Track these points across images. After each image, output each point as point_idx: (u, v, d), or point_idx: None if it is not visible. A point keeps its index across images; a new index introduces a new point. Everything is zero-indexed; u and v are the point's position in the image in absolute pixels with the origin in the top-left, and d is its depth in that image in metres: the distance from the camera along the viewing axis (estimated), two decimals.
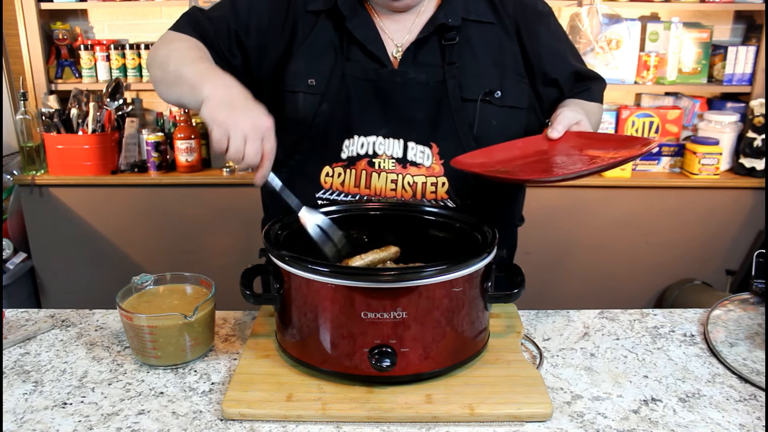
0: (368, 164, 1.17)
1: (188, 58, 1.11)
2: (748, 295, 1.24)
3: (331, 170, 1.18)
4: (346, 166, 1.18)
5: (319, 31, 1.18)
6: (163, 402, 0.91)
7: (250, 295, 0.97)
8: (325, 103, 1.16)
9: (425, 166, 1.17)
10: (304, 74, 1.17)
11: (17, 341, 1.08)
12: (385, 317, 0.87)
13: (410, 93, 1.15)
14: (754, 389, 0.95)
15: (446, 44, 1.16)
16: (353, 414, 0.86)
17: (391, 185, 1.17)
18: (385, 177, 1.17)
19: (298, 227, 1.06)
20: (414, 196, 1.17)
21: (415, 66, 1.16)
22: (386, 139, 1.17)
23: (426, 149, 1.16)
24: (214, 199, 2.70)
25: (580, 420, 0.87)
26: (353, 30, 1.16)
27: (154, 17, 2.94)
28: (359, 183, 1.17)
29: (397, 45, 1.18)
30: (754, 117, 2.64)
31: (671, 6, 2.74)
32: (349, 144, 1.17)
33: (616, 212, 2.69)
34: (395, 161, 1.17)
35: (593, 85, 1.27)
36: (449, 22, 1.15)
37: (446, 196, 1.17)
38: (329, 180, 1.18)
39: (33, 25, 2.72)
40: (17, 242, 2.76)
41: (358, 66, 1.16)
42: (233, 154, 0.96)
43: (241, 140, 0.95)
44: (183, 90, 1.07)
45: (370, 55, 1.16)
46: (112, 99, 2.70)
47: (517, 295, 0.97)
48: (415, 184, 1.17)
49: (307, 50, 1.17)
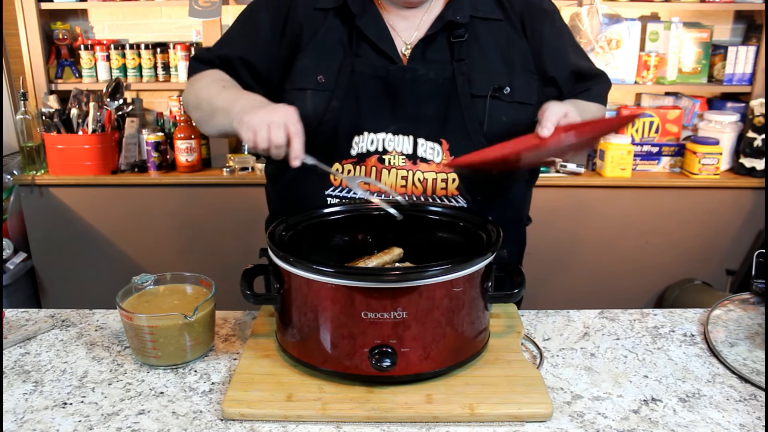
0: (378, 161, 1.17)
1: (214, 89, 1.17)
2: (748, 295, 1.24)
3: (341, 167, 1.19)
4: (356, 163, 1.18)
5: (328, 28, 1.18)
6: (163, 402, 0.91)
7: (250, 295, 0.97)
8: (334, 100, 1.17)
9: (435, 162, 1.17)
10: (312, 71, 1.17)
11: (17, 341, 1.08)
12: (385, 317, 0.87)
13: (419, 90, 1.16)
14: (754, 389, 0.95)
15: (455, 41, 1.16)
16: (353, 414, 0.86)
17: (401, 182, 1.18)
18: (395, 173, 1.17)
19: (302, 228, 1.06)
20: (424, 193, 1.17)
21: (424, 63, 1.17)
22: (396, 135, 1.17)
23: (436, 146, 1.17)
24: (214, 199, 2.70)
25: (580, 420, 0.87)
26: (364, 28, 1.16)
27: (154, 17, 2.94)
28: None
29: (406, 42, 1.19)
30: (754, 117, 2.64)
31: (671, 6, 2.74)
32: (358, 140, 1.17)
33: (616, 212, 2.69)
34: (405, 158, 1.17)
35: (594, 85, 1.26)
36: (457, 19, 1.16)
37: (457, 192, 1.18)
38: (339, 177, 1.18)
39: (33, 25, 2.72)
40: (17, 242, 2.75)
41: (368, 63, 1.17)
42: (262, 143, 1.01)
43: (266, 130, 1.00)
44: (219, 120, 1.14)
45: (380, 52, 1.17)
46: (112, 99, 2.70)
47: (517, 295, 0.97)
48: (425, 180, 1.17)
49: (315, 48, 1.18)
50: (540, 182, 2.79)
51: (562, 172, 2.69)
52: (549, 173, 2.68)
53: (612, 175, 2.64)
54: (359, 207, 1.14)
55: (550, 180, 2.65)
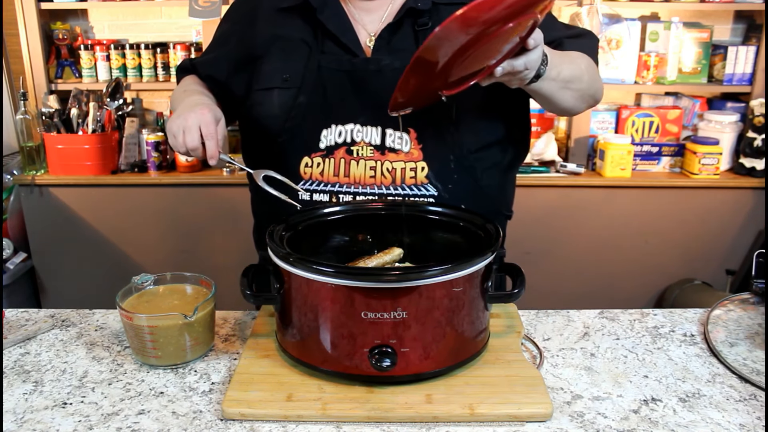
0: (346, 152, 1.18)
1: (178, 97, 1.24)
2: (748, 295, 1.24)
3: (310, 161, 1.19)
4: (324, 156, 1.18)
5: (292, 28, 1.19)
6: (163, 402, 0.91)
7: (250, 295, 0.97)
8: (301, 96, 1.17)
9: (404, 151, 1.17)
10: (278, 71, 1.19)
11: (17, 341, 1.08)
12: (385, 317, 0.87)
13: (385, 80, 1.15)
14: (754, 389, 0.95)
15: (419, 29, 1.16)
16: (353, 414, 0.86)
17: (370, 172, 1.17)
18: (363, 164, 1.17)
19: (302, 228, 1.06)
20: (393, 182, 1.17)
21: (389, 53, 1.16)
22: (364, 126, 1.17)
23: (404, 135, 1.17)
24: (214, 199, 2.70)
25: (580, 420, 0.87)
26: (325, 21, 1.17)
27: (154, 17, 2.94)
28: (338, 172, 1.18)
29: (370, 33, 1.19)
30: (754, 117, 2.64)
31: (671, 6, 2.74)
32: (327, 133, 1.18)
33: (616, 212, 2.69)
34: (373, 148, 1.17)
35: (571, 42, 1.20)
36: (418, 5, 1.15)
37: (426, 180, 1.17)
38: (309, 170, 1.19)
39: (33, 25, 2.72)
40: (17, 242, 2.76)
41: (333, 58, 1.17)
42: (179, 147, 1.09)
43: (181, 135, 1.08)
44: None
45: (343, 46, 1.17)
46: (112, 99, 2.70)
47: (517, 295, 0.97)
48: (394, 170, 1.17)
49: (280, 49, 1.19)
50: (540, 182, 2.80)
51: (562, 172, 2.69)
52: (549, 173, 2.68)
53: (612, 175, 2.64)
54: (359, 207, 1.14)
55: (550, 180, 2.65)
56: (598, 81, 1.22)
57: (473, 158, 1.19)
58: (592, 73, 1.19)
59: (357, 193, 1.17)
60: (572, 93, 1.14)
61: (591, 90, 1.19)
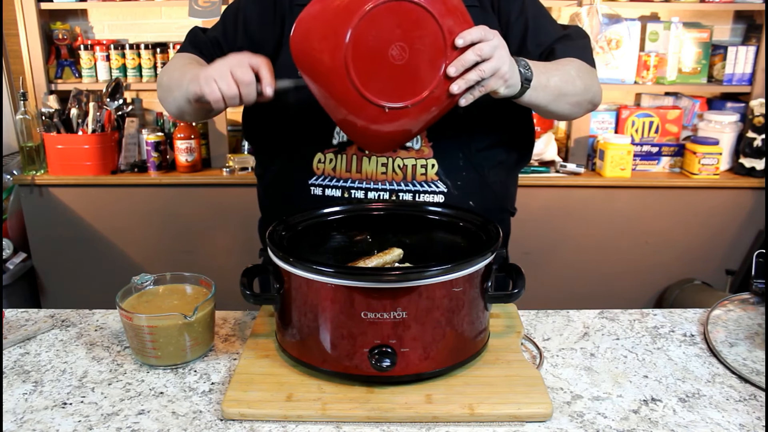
0: (358, 149, 1.19)
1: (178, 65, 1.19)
2: (748, 295, 1.24)
3: (323, 156, 1.20)
4: (337, 152, 1.20)
5: None
6: (163, 402, 0.91)
7: (250, 295, 0.97)
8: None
9: (414, 149, 1.19)
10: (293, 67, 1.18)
11: (17, 341, 1.08)
12: (385, 317, 0.87)
13: None
14: (754, 389, 0.95)
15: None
16: (353, 414, 0.86)
17: (381, 168, 1.19)
18: (375, 161, 1.19)
19: (302, 228, 1.07)
20: (404, 179, 1.19)
21: None
22: None
23: None
24: (214, 199, 2.70)
25: (580, 420, 0.87)
26: None
27: (154, 17, 2.94)
28: (350, 168, 1.19)
29: None
30: (754, 117, 2.64)
31: (671, 6, 2.74)
32: (339, 130, 1.19)
33: (616, 212, 2.69)
34: None
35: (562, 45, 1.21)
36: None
37: (436, 177, 1.19)
38: (321, 166, 1.20)
39: (33, 25, 2.72)
40: (17, 242, 2.76)
41: None
42: (227, 89, 0.98)
43: (228, 74, 0.98)
44: (177, 93, 1.14)
45: None
46: (112, 99, 2.70)
47: (517, 295, 0.97)
48: (405, 166, 1.19)
49: None
50: (540, 182, 2.80)
51: (562, 172, 2.69)
52: (549, 173, 2.68)
53: (612, 175, 2.64)
54: (359, 207, 1.14)
55: (550, 180, 2.65)
56: (594, 84, 1.21)
57: (481, 156, 1.21)
58: (585, 77, 1.18)
59: (369, 189, 1.19)
60: (567, 100, 1.15)
61: (588, 95, 1.19)
